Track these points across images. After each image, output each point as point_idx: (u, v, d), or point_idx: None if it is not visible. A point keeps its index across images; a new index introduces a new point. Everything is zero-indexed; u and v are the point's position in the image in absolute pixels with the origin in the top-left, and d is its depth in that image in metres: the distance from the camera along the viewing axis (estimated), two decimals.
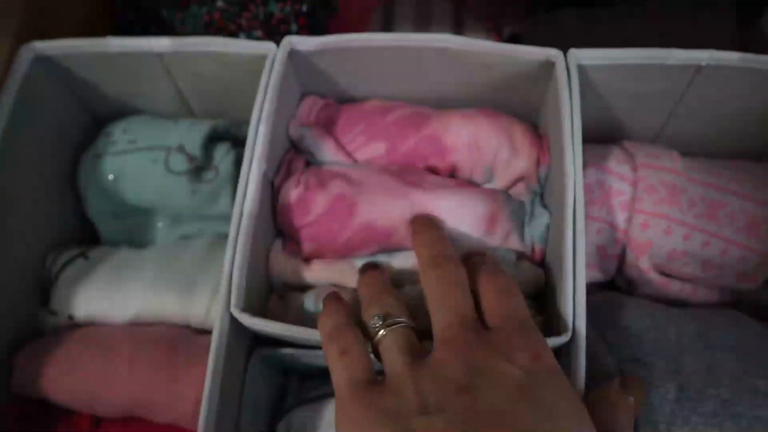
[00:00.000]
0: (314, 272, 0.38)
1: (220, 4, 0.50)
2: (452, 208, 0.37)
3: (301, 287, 0.38)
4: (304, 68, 0.40)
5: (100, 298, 0.39)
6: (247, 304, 0.34)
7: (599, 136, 0.42)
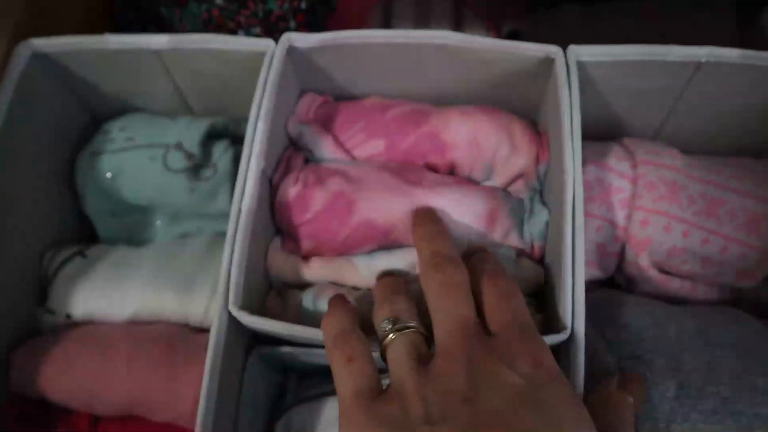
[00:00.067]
0: (313, 270, 0.38)
1: (218, 1, 0.50)
2: (451, 205, 0.37)
3: (299, 285, 0.38)
4: (302, 65, 0.39)
5: (98, 296, 0.39)
6: (245, 302, 0.34)
7: (599, 133, 0.42)
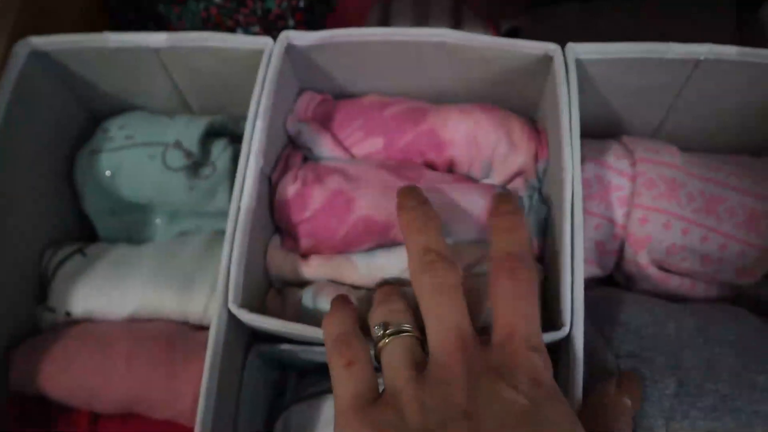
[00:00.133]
0: (312, 268, 0.38)
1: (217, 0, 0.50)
2: (450, 203, 0.37)
3: (299, 283, 0.38)
4: (301, 63, 0.39)
5: (97, 294, 0.39)
6: (244, 300, 0.34)
7: (598, 130, 0.42)
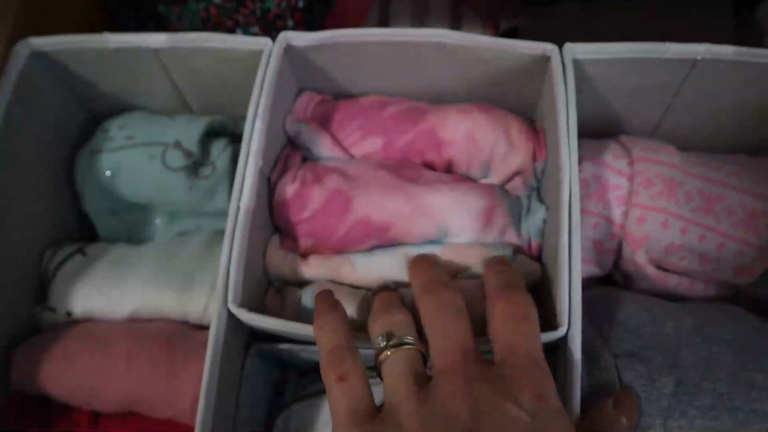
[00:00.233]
0: (311, 268, 0.38)
1: (216, 0, 0.50)
2: (449, 202, 0.37)
3: (298, 283, 0.38)
4: (300, 64, 0.40)
5: (97, 294, 0.39)
6: (244, 299, 0.34)
7: (596, 130, 0.42)
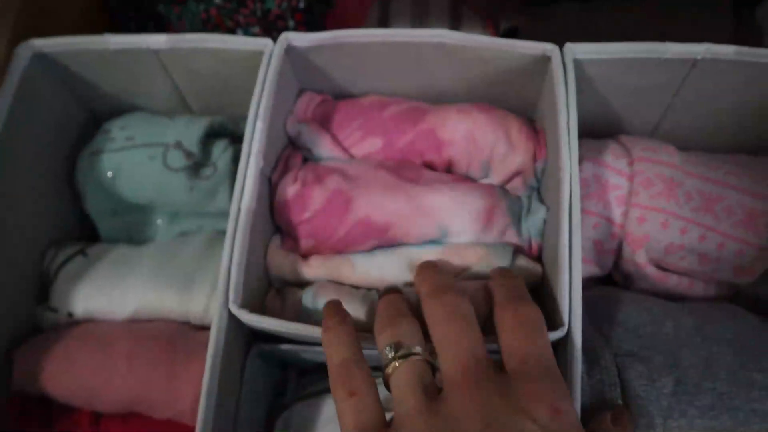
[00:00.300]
0: (312, 268, 0.38)
1: (217, 0, 0.50)
2: (449, 203, 0.37)
3: (299, 283, 0.38)
4: (300, 64, 0.40)
5: (99, 295, 0.39)
6: (245, 300, 0.34)
7: (596, 130, 0.42)
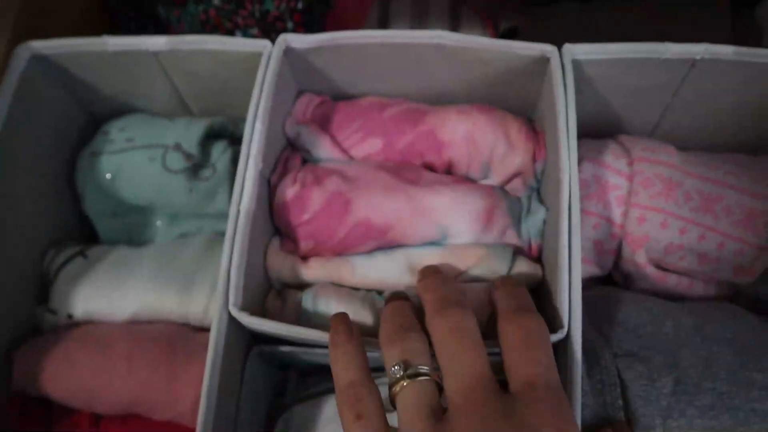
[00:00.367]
0: (312, 270, 0.38)
1: (216, 2, 0.50)
2: (449, 204, 0.37)
3: (298, 285, 0.38)
4: (299, 66, 0.40)
5: (99, 296, 0.39)
6: (245, 302, 0.34)
7: (595, 130, 0.42)
